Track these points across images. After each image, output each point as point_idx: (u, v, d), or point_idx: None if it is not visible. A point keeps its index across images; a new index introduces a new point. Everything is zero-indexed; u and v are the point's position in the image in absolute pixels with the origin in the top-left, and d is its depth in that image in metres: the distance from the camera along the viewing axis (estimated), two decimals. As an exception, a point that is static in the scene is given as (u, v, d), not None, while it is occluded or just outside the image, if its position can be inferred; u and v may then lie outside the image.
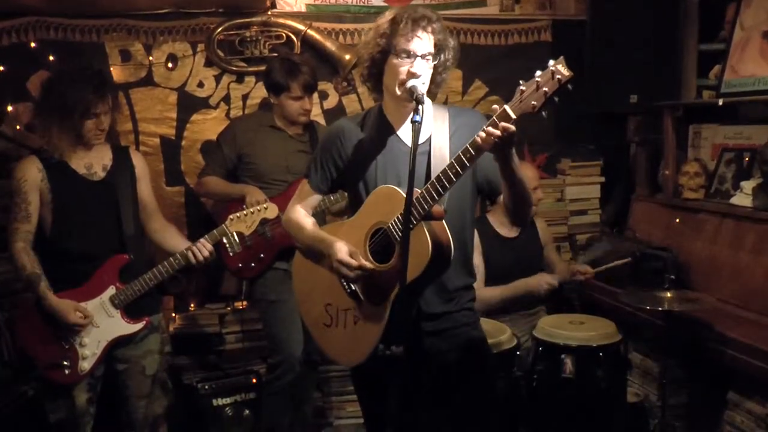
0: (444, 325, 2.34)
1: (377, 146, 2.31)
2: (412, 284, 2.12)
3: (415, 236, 2.05)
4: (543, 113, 1.90)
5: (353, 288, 2.30)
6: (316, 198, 2.46)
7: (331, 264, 2.26)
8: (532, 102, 1.88)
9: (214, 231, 3.01)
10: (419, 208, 2.08)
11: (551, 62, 1.90)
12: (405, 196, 2.00)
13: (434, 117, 2.30)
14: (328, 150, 2.38)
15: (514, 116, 1.91)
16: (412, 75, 2.16)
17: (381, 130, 2.33)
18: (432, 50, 2.20)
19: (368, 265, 2.20)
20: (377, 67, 2.25)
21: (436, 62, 2.22)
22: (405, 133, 2.29)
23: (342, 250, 2.22)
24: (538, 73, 1.90)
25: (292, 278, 2.55)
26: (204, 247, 2.93)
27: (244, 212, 3.00)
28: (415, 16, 2.16)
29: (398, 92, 2.20)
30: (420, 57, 2.17)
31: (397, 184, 2.21)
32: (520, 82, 1.92)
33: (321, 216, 3.58)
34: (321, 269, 2.39)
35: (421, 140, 2.21)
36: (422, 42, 2.17)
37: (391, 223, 2.16)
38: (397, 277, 2.10)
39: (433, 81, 2.27)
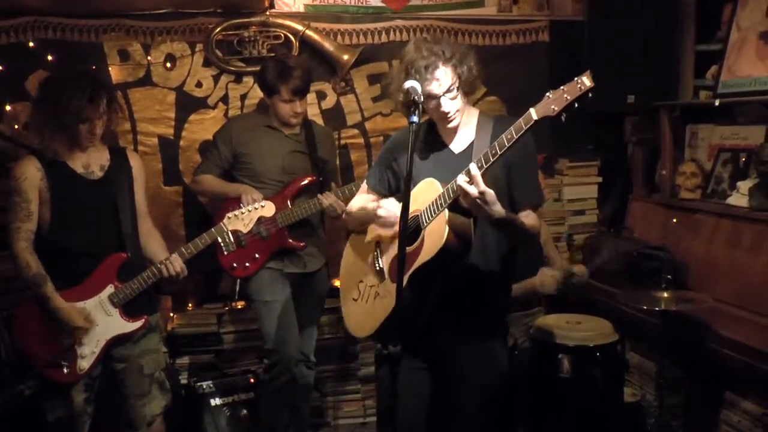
0: (470, 334, 2.45)
1: (428, 154, 2.48)
2: (421, 269, 2.27)
3: (437, 222, 2.24)
4: (561, 117, 2.04)
5: (381, 266, 2.47)
6: (372, 196, 2.63)
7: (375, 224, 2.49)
8: (553, 106, 2.02)
9: (212, 229, 3.02)
10: (445, 197, 2.22)
11: (579, 76, 2.04)
12: (440, 188, 2.23)
13: (478, 125, 2.45)
14: (386, 157, 2.60)
15: (536, 117, 2.04)
16: (445, 115, 2.35)
17: (432, 140, 2.50)
18: (453, 81, 2.32)
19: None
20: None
21: (460, 86, 2.35)
22: (454, 143, 2.48)
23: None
24: (565, 84, 2.04)
25: (342, 260, 2.75)
26: (175, 263, 2.94)
27: (242, 210, 3.01)
28: (426, 63, 2.27)
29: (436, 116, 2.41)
30: (443, 95, 2.31)
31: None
32: (549, 90, 2.06)
33: (318, 216, 3.60)
34: (364, 251, 2.60)
35: (464, 146, 2.45)
36: (441, 81, 2.30)
37: (423, 210, 2.29)
38: (414, 259, 2.28)
39: (465, 94, 2.41)
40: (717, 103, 3.58)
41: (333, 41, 4.06)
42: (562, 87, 2.02)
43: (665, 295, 3.01)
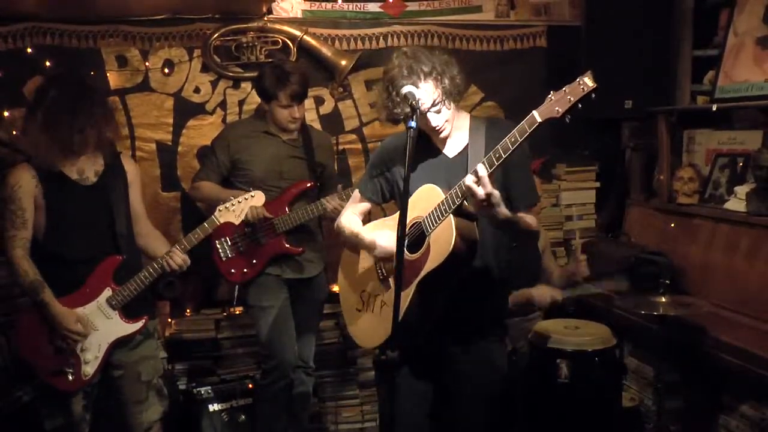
0: (471, 335, 2.46)
1: (421, 159, 2.45)
2: (430, 275, 2.26)
3: (442, 227, 2.23)
4: (566, 119, 2.02)
5: (385, 274, 2.45)
6: (364, 205, 2.65)
7: (371, 255, 2.50)
8: (557, 108, 2.00)
9: (204, 223, 3.00)
10: (450, 202, 2.21)
11: (581, 76, 2.02)
12: (442, 194, 2.22)
13: (470, 129, 2.44)
14: (378, 164, 2.58)
15: (540, 119, 2.02)
16: (434, 129, 2.35)
17: (424, 145, 2.45)
18: (436, 96, 2.30)
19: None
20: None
21: (445, 98, 2.32)
22: (447, 148, 2.46)
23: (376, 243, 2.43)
24: (567, 86, 2.03)
25: (339, 270, 2.72)
26: (175, 256, 2.92)
27: (232, 202, 3.00)
28: (406, 83, 2.25)
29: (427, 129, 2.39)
30: (429, 111, 2.30)
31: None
32: (551, 92, 2.04)
33: (316, 220, 3.60)
34: (362, 260, 2.58)
35: (458, 150, 2.44)
36: (423, 99, 2.26)
37: (426, 217, 2.28)
38: (421, 266, 2.27)
39: (453, 101, 2.37)
40: (714, 108, 3.59)
41: (331, 47, 4.07)
42: (564, 88, 2.02)
43: (663, 299, 3.01)
